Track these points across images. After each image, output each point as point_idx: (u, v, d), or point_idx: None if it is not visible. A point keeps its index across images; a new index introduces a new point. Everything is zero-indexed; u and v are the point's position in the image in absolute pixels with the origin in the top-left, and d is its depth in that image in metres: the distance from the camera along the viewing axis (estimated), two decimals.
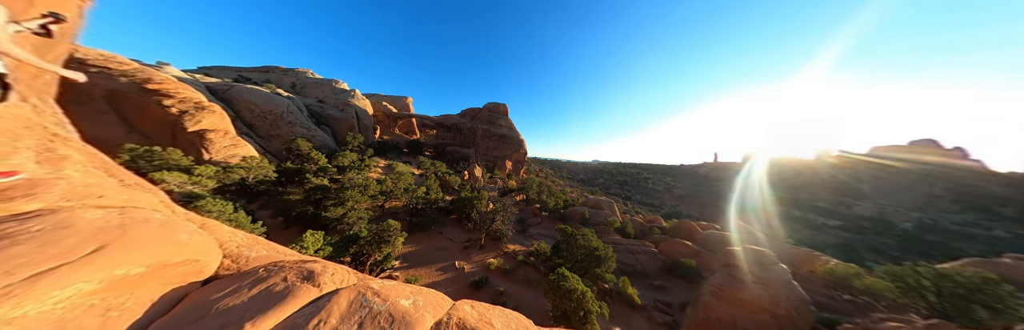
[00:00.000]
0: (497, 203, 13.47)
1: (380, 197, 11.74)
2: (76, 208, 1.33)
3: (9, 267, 0.96)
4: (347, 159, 16.42)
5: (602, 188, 72.15)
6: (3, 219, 1.13)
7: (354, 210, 9.05)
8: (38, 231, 1.12)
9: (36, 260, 1.01)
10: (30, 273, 0.98)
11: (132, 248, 1.21)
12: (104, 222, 1.27)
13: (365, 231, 7.33)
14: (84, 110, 10.75)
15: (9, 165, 1.40)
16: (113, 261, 1.14)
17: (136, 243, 1.24)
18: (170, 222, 1.49)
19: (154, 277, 1.28)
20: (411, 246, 9.69)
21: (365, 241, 6.92)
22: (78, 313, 1.04)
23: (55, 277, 1.01)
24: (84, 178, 1.63)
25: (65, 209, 1.29)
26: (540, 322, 2.50)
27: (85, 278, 1.06)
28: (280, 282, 1.45)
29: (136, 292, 1.23)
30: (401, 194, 12.07)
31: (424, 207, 12.71)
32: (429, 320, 1.45)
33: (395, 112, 40.36)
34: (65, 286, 1.02)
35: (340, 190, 9.64)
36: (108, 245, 1.17)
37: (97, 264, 1.10)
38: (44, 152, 1.66)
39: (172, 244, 1.35)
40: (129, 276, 1.18)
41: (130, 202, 1.59)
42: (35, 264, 1.00)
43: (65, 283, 1.01)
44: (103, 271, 1.11)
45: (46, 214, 1.22)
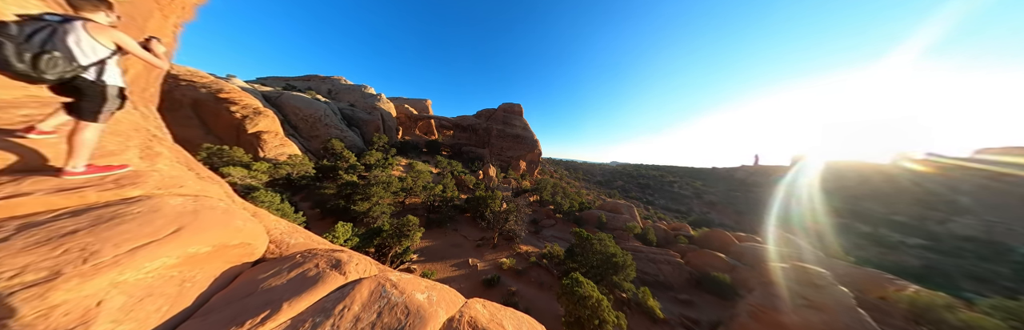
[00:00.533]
0: (511, 203, 13.45)
1: (401, 193, 12.50)
2: (164, 195, 1.61)
3: (118, 241, 1.19)
4: (373, 158, 17.79)
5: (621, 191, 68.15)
6: (115, 202, 1.41)
7: (378, 205, 9.78)
8: (138, 213, 1.37)
9: (136, 236, 1.25)
10: (132, 247, 1.20)
11: (202, 230, 1.43)
12: (183, 208, 1.52)
13: (387, 225, 7.88)
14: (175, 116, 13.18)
15: (122, 159, 1.74)
16: (188, 241, 1.35)
17: (205, 226, 1.46)
18: (230, 210, 1.73)
19: (216, 256, 1.50)
20: (428, 241, 10.15)
21: (387, 234, 7.44)
22: (162, 282, 1.25)
23: (148, 251, 1.22)
24: (170, 171, 1.96)
25: (156, 196, 1.57)
26: (553, 327, 2.41)
27: (168, 253, 1.27)
28: (313, 268, 1.58)
29: (204, 268, 1.44)
30: (420, 191, 12.73)
31: (441, 204, 13.22)
32: (442, 316, 1.47)
33: (415, 114, 42.68)
34: (154, 259, 1.23)
35: (367, 186, 10.50)
36: (185, 227, 1.40)
37: (176, 242, 1.32)
38: (145, 149, 2.05)
39: (231, 229, 1.57)
40: (198, 254, 1.39)
41: (202, 192, 1.88)
42: (135, 239, 1.23)
43: (154, 257, 1.23)
44: (180, 249, 1.32)
45: (144, 199, 1.49)
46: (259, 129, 14.49)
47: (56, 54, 1.22)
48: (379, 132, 27.26)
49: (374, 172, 13.53)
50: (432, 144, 33.70)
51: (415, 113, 43.21)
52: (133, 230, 1.27)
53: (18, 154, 1.39)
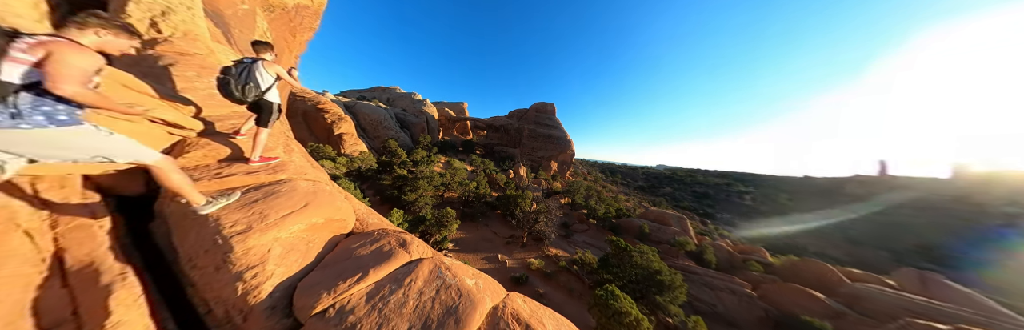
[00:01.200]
0: (541, 204, 13.26)
1: (441, 187, 13.89)
2: (297, 180, 2.21)
3: (277, 209, 1.70)
4: (419, 155, 20.29)
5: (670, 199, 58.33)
6: (273, 183, 2.01)
7: (422, 196, 11.15)
8: (285, 191, 1.93)
9: (285, 207, 1.76)
10: (283, 214, 1.71)
11: (320, 206, 1.91)
12: (308, 189, 2.05)
13: (430, 215, 8.92)
14: (292, 122, 17.99)
15: (275, 153, 2.47)
16: (312, 213, 1.83)
17: (321, 204, 1.94)
18: (333, 192, 2.25)
19: (326, 227, 1.97)
20: (462, 233, 10.99)
21: (429, 222, 8.42)
22: (297, 241, 1.73)
23: (291, 218, 1.71)
24: (300, 162, 2.68)
25: (293, 180, 2.17)
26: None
27: (301, 221, 1.75)
28: (387, 244, 1.89)
29: (319, 234, 1.91)
30: (456, 187, 13.88)
31: (474, 200, 14.04)
32: (488, 303, 1.57)
33: (453, 116, 46.37)
34: (294, 224, 1.71)
35: (414, 179, 12.10)
36: (310, 203, 1.89)
37: (306, 214, 1.80)
38: (286, 146, 2.84)
39: (335, 207, 2.04)
40: (317, 224, 1.86)
41: (317, 178, 2.50)
42: (285, 209, 1.74)
43: (294, 222, 1.71)
44: (308, 219, 1.80)
45: (287, 182, 2.08)
46: (341, 131, 18.51)
47: (251, 85, 1.85)
48: (424, 133, 30.89)
49: (420, 168, 15.44)
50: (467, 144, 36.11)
51: (453, 115, 46.98)
52: (283, 203, 1.80)
53: (230, 148, 2.14)
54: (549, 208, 12.36)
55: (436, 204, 12.65)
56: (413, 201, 10.55)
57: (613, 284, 7.51)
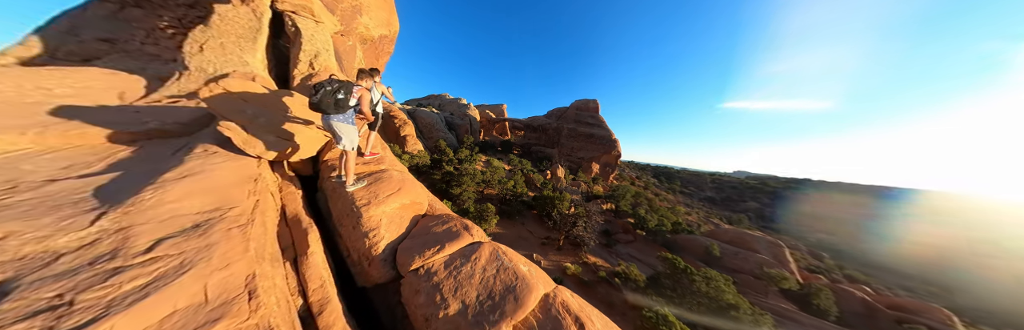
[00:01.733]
0: (580, 207, 12.60)
1: (482, 184, 15.02)
2: (391, 170, 2.89)
3: (382, 191, 2.31)
4: (463, 154, 22.48)
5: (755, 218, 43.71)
6: (378, 171, 2.71)
7: (466, 191, 12.35)
8: (385, 178, 2.57)
9: (387, 190, 2.35)
10: (386, 195, 2.30)
11: (407, 191, 2.46)
12: (398, 177, 2.67)
13: (472, 208, 9.83)
14: None
15: (377, 149, 3.29)
16: (403, 196, 2.38)
17: (408, 189, 2.49)
18: (414, 181, 2.84)
19: (410, 207, 2.51)
20: (500, 229, 11.60)
21: (472, 215, 9.28)
22: (395, 215, 2.29)
23: (391, 198, 2.28)
24: (390, 156, 3.47)
25: (389, 170, 2.85)
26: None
27: (396, 201, 2.31)
28: (454, 226, 2.25)
29: (406, 212, 2.46)
30: (495, 184, 14.72)
31: (511, 198, 14.56)
32: (541, 290, 1.69)
33: (493, 117, 48.87)
34: (392, 203, 2.27)
35: (459, 175, 13.54)
36: (401, 188, 2.45)
37: (399, 196, 2.36)
38: (382, 145, 3.73)
39: (416, 192, 2.58)
40: (405, 204, 2.41)
41: (401, 169, 3.19)
42: (387, 191, 2.33)
43: (393, 202, 2.27)
44: (400, 200, 2.35)
45: (385, 171, 2.76)
46: (405, 133, 22.55)
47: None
48: (467, 133, 33.95)
49: (464, 165, 17.11)
50: (505, 144, 37.48)
51: (493, 116, 49.56)
52: (386, 187, 2.41)
53: None
54: (589, 212, 11.57)
55: (477, 199, 13.80)
56: (458, 195, 11.87)
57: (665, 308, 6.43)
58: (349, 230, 2.02)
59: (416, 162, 16.73)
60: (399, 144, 20.59)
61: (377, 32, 8.63)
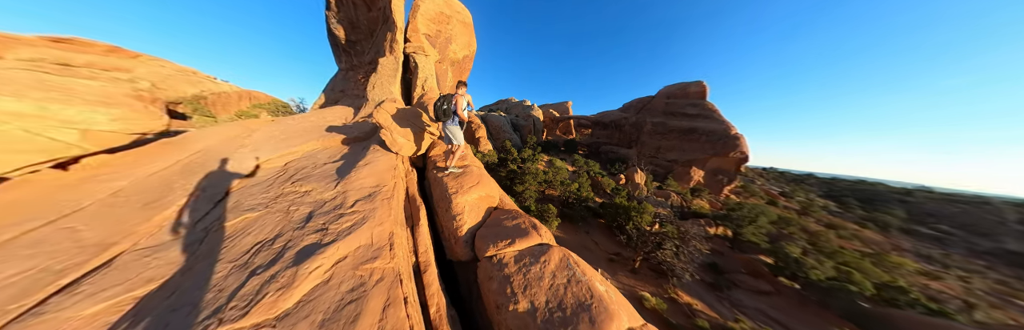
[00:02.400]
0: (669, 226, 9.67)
1: (543, 184, 14.89)
2: (472, 165, 3.31)
3: (466, 183, 2.67)
4: (526, 154, 23.30)
5: None
6: (464, 166, 3.17)
7: (528, 190, 12.63)
8: (467, 172, 2.97)
9: (469, 182, 2.70)
10: (469, 186, 2.64)
11: (483, 185, 2.71)
12: (477, 172, 3.01)
13: (534, 207, 9.86)
14: None
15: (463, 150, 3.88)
16: (480, 188, 2.65)
17: (485, 183, 2.75)
18: (488, 176, 3.12)
19: (485, 199, 2.76)
20: (561, 232, 10.99)
21: (533, 214, 9.34)
22: (474, 205, 2.60)
23: (472, 190, 2.59)
24: (471, 154, 4.02)
25: (470, 165, 3.28)
26: None
27: (476, 193, 2.60)
28: (523, 223, 2.22)
29: (482, 203, 2.73)
30: (558, 185, 14.13)
31: (574, 202, 13.47)
32: (624, 321, 1.32)
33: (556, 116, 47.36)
34: (473, 194, 2.58)
35: (521, 174, 14.12)
36: (480, 182, 2.74)
37: (477, 189, 2.64)
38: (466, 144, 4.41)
39: (491, 186, 2.80)
40: (482, 196, 2.66)
41: (479, 165, 3.61)
42: (470, 183, 2.67)
43: (473, 193, 2.57)
44: (478, 192, 2.63)
45: (468, 166, 3.19)
46: (479, 135, 26.38)
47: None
48: (531, 133, 34.95)
49: (527, 165, 17.68)
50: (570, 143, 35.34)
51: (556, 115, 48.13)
52: (468, 179, 2.78)
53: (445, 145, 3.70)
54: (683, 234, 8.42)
55: (539, 199, 13.82)
56: (521, 192, 12.39)
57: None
58: (443, 211, 2.46)
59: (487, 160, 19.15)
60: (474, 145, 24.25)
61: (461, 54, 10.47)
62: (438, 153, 3.61)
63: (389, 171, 2.60)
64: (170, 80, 11.66)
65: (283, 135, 3.61)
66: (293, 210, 1.90)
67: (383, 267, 1.44)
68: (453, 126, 2.88)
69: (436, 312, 1.43)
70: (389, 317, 1.13)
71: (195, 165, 2.71)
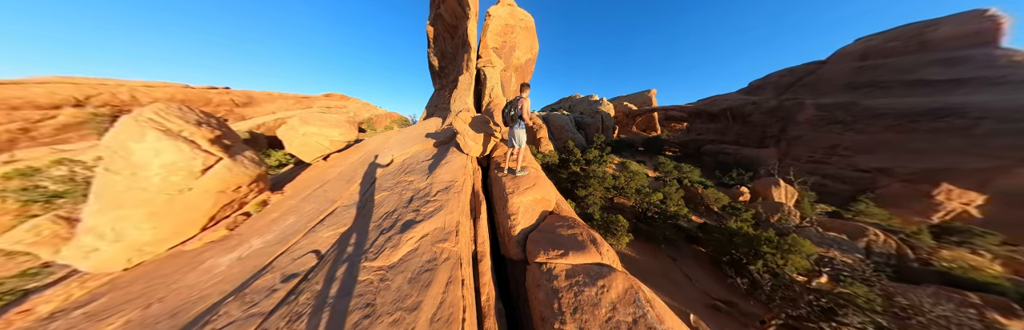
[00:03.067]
0: (857, 286, 5.63)
1: (612, 190, 12.82)
2: (530, 167, 3.37)
3: (523, 184, 2.74)
4: (591, 154, 20.92)
5: None
6: (524, 168, 3.28)
7: (592, 195, 11.27)
8: (525, 174, 3.04)
9: (525, 183, 2.75)
10: (524, 187, 2.69)
11: (539, 187, 2.68)
12: (534, 174, 3.03)
13: (597, 215, 8.67)
14: None
15: None
16: (535, 191, 2.64)
17: (540, 185, 2.71)
18: (546, 178, 3.05)
19: (540, 202, 2.72)
20: (630, 250, 9.04)
21: (596, 223, 8.21)
22: (528, 207, 2.62)
23: (528, 191, 2.62)
24: (530, 156, 4.10)
25: (528, 167, 3.35)
26: None
27: (531, 195, 2.61)
28: (581, 234, 1.99)
29: (537, 206, 2.71)
30: (631, 194, 11.69)
31: (656, 217, 10.66)
32: None
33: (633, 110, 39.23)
34: (528, 196, 2.61)
35: (584, 177, 12.79)
36: (536, 184, 2.73)
37: (532, 191, 2.64)
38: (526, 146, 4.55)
39: (547, 190, 2.73)
40: (537, 199, 2.64)
41: (536, 167, 3.61)
42: (525, 185, 2.72)
43: (528, 194, 2.60)
44: (533, 194, 2.63)
45: (527, 168, 3.26)
46: (540, 136, 26.47)
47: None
48: (598, 132, 31.08)
49: (591, 167, 15.86)
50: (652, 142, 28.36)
51: (633, 108, 39.95)
52: (525, 181, 2.84)
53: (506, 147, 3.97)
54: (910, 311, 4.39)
55: (605, 206, 12.01)
56: (583, 197, 11.24)
57: None
58: (500, 209, 2.66)
59: (547, 161, 18.89)
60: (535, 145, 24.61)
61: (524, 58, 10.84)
62: (500, 154, 3.95)
63: (461, 169, 3.13)
64: (359, 110, 19.79)
65: (403, 140, 5.23)
66: (403, 193, 2.73)
67: (450, 249, 1.77)
68: (518, 129, 2.99)
69: (486, 301, 1.59)
70: (450, 292, 1.38)
71: (365, 159, 4.50)
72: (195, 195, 2.97)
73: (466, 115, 4.05)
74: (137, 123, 2.74)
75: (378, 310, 1.28)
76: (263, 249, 2.46)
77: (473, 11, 6.88)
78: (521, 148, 3.06)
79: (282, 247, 2.35)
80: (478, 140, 3.80)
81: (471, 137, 3.77)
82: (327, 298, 1.45)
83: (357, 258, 1.75)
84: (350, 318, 1.26)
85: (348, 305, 1.35)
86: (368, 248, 1.84)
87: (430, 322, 1.16)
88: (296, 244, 2.33)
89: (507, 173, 3.11)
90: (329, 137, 5.51)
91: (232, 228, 3.27)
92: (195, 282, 2.19)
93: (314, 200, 3.39)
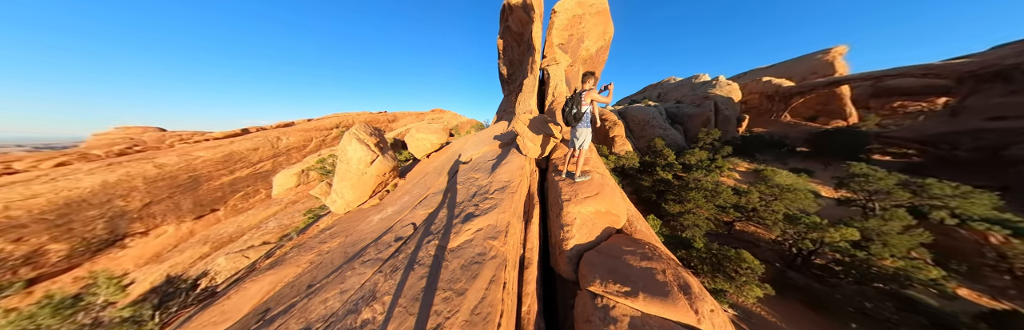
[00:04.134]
0: None
1: (731, 212, 8.74)
2: (594, 172, 2.92)
3: (582, 192, 2.38)
4: (694, 157, 15.29)
5: None
6: (586, 172, 2.90)
7: (692, 213, 8.21)
8: (588, 180, 2.65)
9: (586, 191, 2.38)
10: (584, 196, 2.32)
11: (603, 197, 2.25)
12: (598, 181, 2.58)
13: (700, 245, 6.11)
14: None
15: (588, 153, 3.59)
16: (597, 201, 2.23)
17: (605, 195, 2.27)
18: (615, 188, 2.54)
19: (602, 216, 2.27)
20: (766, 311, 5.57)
21: (698, 255, 5.81)
22: (587, 219, 2.26)
23: (588, 201, 2.26)
24: (596, 158, 3.57)
25: (592, 171, 2.91)
26: None
27: (592, 206, 2.23)
28: (662, 274, 1.47)
29: (599, 220, 2.29)
30: (773, 220, 7.38)
31: (840, 268, 6.28)
32: None
33: (787, 87, 24.81)
34: (588, 206, 2.23)
35: (682, 187, 9.48)
36: (599, 193, 2.32)
37: (593, 200, 2.25)
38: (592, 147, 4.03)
39: (614, 201, 2.25)
40: (599, 211, 2.23)
41: (604, 172, 3.08)
42: (586, 193, 2.35)
43: (588, 204, 2.23)
44: (594, 205, 2.23)
45: (590, 173, 2.85)
46: (614, 134, 22.51)
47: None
48: (709, 126, 22.30)
49: (694, 174, 11.57)
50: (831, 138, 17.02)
51: (786, 85, 25.43)
52: (586, 188, 2.47)
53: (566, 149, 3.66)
54: None
55: (718, 234, 8.26)
56: (676, 215, 8.36)
57: None
58: (554, 217, 2.47)
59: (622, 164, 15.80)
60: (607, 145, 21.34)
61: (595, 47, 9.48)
62: (559, 156, 3.71)
63: (519, 170, 3.21)
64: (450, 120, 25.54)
65: (476, 142, 6.13)
66: (470, 188, 3.19)
67: (498, 247, 1.84)
68: (582, 128, 2.62)
69: (526, 312, 1.50)
70: (491, 291, 1.43)
71: (451, 157, 5.70)
72: (368, 176, 5.00)
73: (526, 117, 4.12)
74: (348, 135, 5.01)
75: (437, 284, 1.56)
76: (391, 215, 3.70)
77: (537, 14, 6.92)
78: (582, 149, 2.66)
79: (399, 216, 3.43)
80: (536, 141, 3.76)
81: (529, 138, 3.79)
82: (412, 261, 1.95)
83: (433, 236, 2.22)
84: (418, 283, 1.61)
85: (420, 272, 1.74)
86: (441, 230, 2.29)
87: (471, 313, 1.25)
88: (406, 216, 3.31)
89: (565, 177, 2.85)
90: (430, 141, 7.53)
91: (381, 199, 5.21)
92: (362, 228, 3.68)
93: (419, 186, 4.69)
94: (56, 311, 3.09)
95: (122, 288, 3.82)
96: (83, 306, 3.35)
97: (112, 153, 13.83)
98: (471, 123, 24.37)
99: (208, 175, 13.06)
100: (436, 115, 24.93)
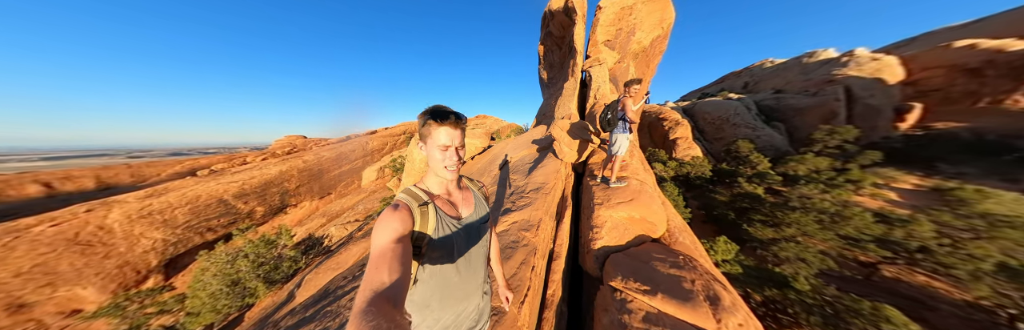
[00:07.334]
0: None
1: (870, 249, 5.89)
2: (631, 178, 2.79)
3: (616, 197, 2.39)
4: (804, 166, 11.13)
5: None
6: (623, 178, 2.81)
7: (797, 244, 6.00)
8: (623, 186, 2.58)
9: (620, 197, 2.37)
10: (617, 202, 2.33)
11: (639, 204, 2.18)
12: (635, 187, 2.48)
13: (804, 284, 4.41)
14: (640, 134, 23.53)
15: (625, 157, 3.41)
16: (632, 208, 2.18)
17: (640, 201, 2.19)
18: (653, 195, 2.39)
19: (637, 223, 2.19)
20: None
21: (797, 299, 4.20)
22: (618, 224, 2.26)
23: (621, 206, 2.25)
24: (636, 165, 3.35)
25: (629, 178, 2.79)
26: None
27: (625, 211, 2.21)
28: (689, 283, 1.42)
29: (632, 227, 2.23)
30: (970, 271, 4.48)
31: None
32: None
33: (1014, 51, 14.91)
34: (621, 212, 2.23)
35: (777, 206, 7.06)
36: (634, 199, 2.25)
37: (628, 206, 2.21)
38: (630, 152, 3.78)
39: (651, 209, 2.14)
40: (633, 217, 2.17)
41: (644, 179, 2.90)
42: (620, 198, 2.35)
43: (621, 210, 2.22)
44: (628, 211, 2.19)
45: (626, 179, 2.75)
46: (676, 136, 18.92)
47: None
48: (831, 122, 15.86)
49: (801, 189, 8.46)
50: None
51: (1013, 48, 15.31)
52: (620, 193, 2.43)
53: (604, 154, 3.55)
54: None
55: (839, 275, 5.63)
56: (765, 241, 6.21)
57: None
58: (585, 219, 2.52)
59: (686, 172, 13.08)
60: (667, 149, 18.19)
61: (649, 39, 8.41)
62: (597, 161, 3.66)
63: (554, 173, 3.37)
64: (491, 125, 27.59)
65: (516, 146, 6.60)
66: (507, 187, 3.56)
67: (529, 237, 2.08)
68: (619, 134, 2.59)
69: (552, 295, 1.67)
70: (521, 270, 1.68)
71: (493, 159, 6.38)
72: None
73: (564, 123, 4.23)
74: (413, 140, 6.42)
75: None
76: None
77: (580, 15, 6.88)
78: (619, 155, 2.63)
79: None
80: (573, 146, 3.82)
81: (566, 143, 3.89)
82: None
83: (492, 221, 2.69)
84: None
85: None
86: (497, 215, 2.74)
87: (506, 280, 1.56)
88: None
89: (599, 182, 2.83)
90: (474, 144, 8.61)
91: None
92: None
93: None
94: (266, 244, 5.53)
95: (291, 237, 6.23)
96: (275, 244, 5.81)
97: (283, 152, 22.99)
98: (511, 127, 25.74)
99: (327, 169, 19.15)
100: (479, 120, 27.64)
